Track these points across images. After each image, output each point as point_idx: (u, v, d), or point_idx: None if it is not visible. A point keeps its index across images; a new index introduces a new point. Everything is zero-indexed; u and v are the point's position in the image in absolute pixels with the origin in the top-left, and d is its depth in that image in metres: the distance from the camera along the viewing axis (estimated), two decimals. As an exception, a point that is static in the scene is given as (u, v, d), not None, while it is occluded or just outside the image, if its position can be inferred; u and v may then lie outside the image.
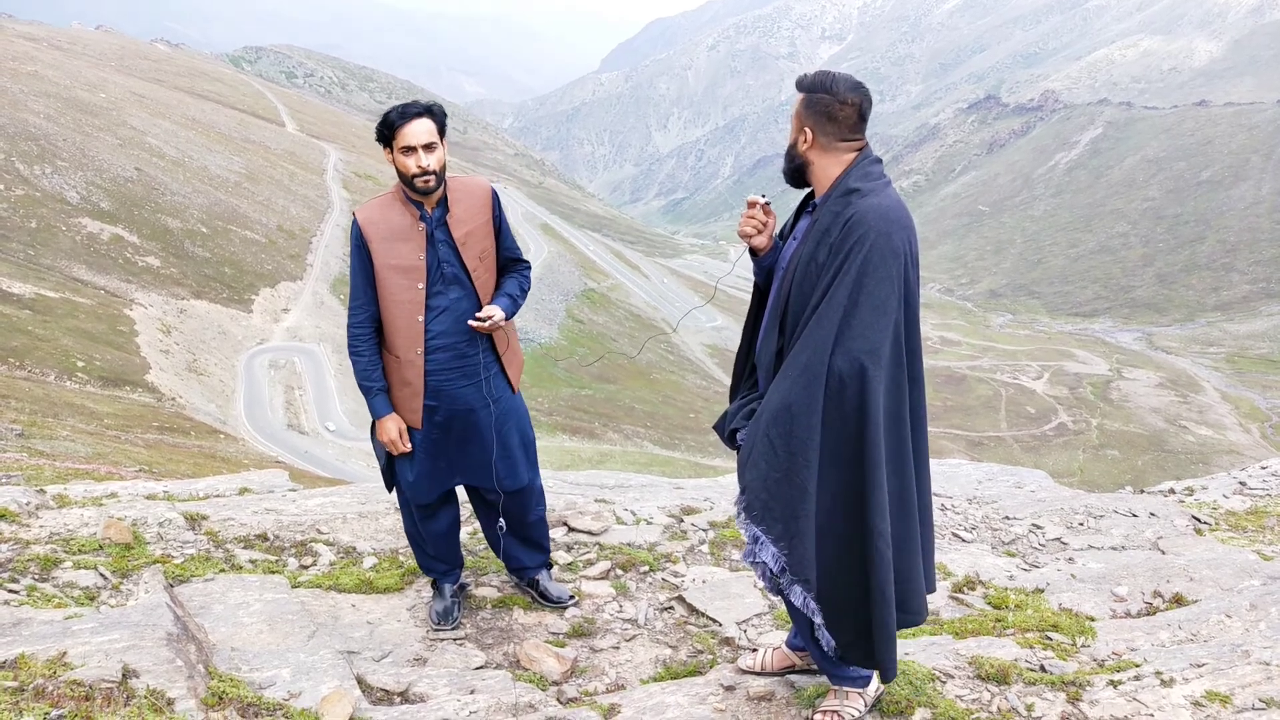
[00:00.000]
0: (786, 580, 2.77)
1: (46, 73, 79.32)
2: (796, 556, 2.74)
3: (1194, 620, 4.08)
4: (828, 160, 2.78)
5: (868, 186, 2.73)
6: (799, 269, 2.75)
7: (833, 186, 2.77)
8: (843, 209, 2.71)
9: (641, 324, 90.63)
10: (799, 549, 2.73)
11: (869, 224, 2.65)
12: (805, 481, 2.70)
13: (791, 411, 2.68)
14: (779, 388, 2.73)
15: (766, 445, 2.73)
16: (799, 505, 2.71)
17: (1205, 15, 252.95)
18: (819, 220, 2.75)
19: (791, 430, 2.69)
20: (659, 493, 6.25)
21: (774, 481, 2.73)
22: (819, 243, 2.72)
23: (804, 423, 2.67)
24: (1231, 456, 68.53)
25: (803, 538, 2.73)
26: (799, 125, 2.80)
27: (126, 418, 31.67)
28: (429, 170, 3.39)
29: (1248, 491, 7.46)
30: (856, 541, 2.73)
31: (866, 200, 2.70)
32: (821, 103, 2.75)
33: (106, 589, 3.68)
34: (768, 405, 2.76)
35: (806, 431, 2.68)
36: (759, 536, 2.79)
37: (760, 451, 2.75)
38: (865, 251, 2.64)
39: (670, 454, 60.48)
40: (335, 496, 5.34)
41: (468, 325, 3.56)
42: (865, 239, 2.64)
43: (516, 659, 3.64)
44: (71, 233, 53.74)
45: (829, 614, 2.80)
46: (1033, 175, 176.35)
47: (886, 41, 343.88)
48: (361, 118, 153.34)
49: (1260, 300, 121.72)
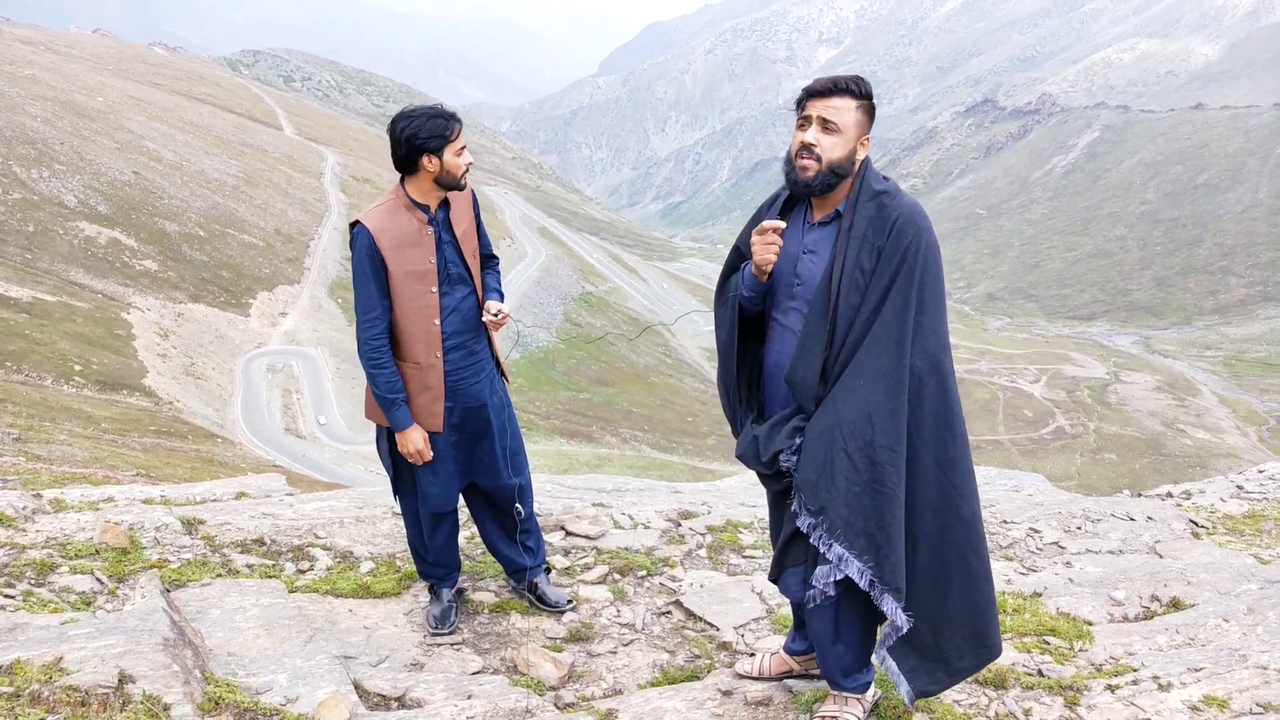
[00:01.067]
0: (878, 591, 2.69)
1: (44, 76, 79.30)
2: (888, 565, 2.66)
3: (1191, 624, 4.08)
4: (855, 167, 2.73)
5: (891, 187, 2.71)
6: (844, 280, 2.66)
7: (855, 192, 2.71)
8: (878, 212, 2.66)
9: (639, 327, 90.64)
10: (890, 557, 2.66)
11: (916, 224, 2.65)
12: (895, 488, 2.64)
13: (872, 421, 2.62)
14: (852, 399, 2.65)
15: (845, 460, 2.65)
16: (887, 514, 2.65)
17: (1202, 18, 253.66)
18: (853, 227, 2.68)
19: (873, 439, 2.62)
20: (656, 497, 6.24)
21: (854, 495, 2.65)
22: (860, 250, 2.65)
23: (888, 429, 2.62)
24: (1229, 460, 68.59)
25: (893, 546, 2.66)
26: (859, 134, 2.69)
27: (123, 422, 31.63)
28: (471, 164, 3.51)
29: (1245, 495, 7.47)
30: (956, 534, 2.74)
31: (901, 200, 2.68)
32: (873, 110, 2.72)
33: (103, 594, 3.67)
34: (841, 419, 2.66)
35: (892, 438, 2.62)
36: (843, 555, 2.69)
37: (839, 468, 2.66)
38: (922, 250, 2.64)
39: (668, 458, 60.47)
40: (333, 501, 5.33)
41: (476, 322, 3.63)
42: (919, 238, 2.64)
43: (514, 664, 3.64)
44: (69, 236, 53.69)
45: (920, 622, 2.78)
46: (1030, 179, 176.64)
47: (884, 45, 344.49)
48: (359, 121, 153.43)
49: (1257, 303, 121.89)
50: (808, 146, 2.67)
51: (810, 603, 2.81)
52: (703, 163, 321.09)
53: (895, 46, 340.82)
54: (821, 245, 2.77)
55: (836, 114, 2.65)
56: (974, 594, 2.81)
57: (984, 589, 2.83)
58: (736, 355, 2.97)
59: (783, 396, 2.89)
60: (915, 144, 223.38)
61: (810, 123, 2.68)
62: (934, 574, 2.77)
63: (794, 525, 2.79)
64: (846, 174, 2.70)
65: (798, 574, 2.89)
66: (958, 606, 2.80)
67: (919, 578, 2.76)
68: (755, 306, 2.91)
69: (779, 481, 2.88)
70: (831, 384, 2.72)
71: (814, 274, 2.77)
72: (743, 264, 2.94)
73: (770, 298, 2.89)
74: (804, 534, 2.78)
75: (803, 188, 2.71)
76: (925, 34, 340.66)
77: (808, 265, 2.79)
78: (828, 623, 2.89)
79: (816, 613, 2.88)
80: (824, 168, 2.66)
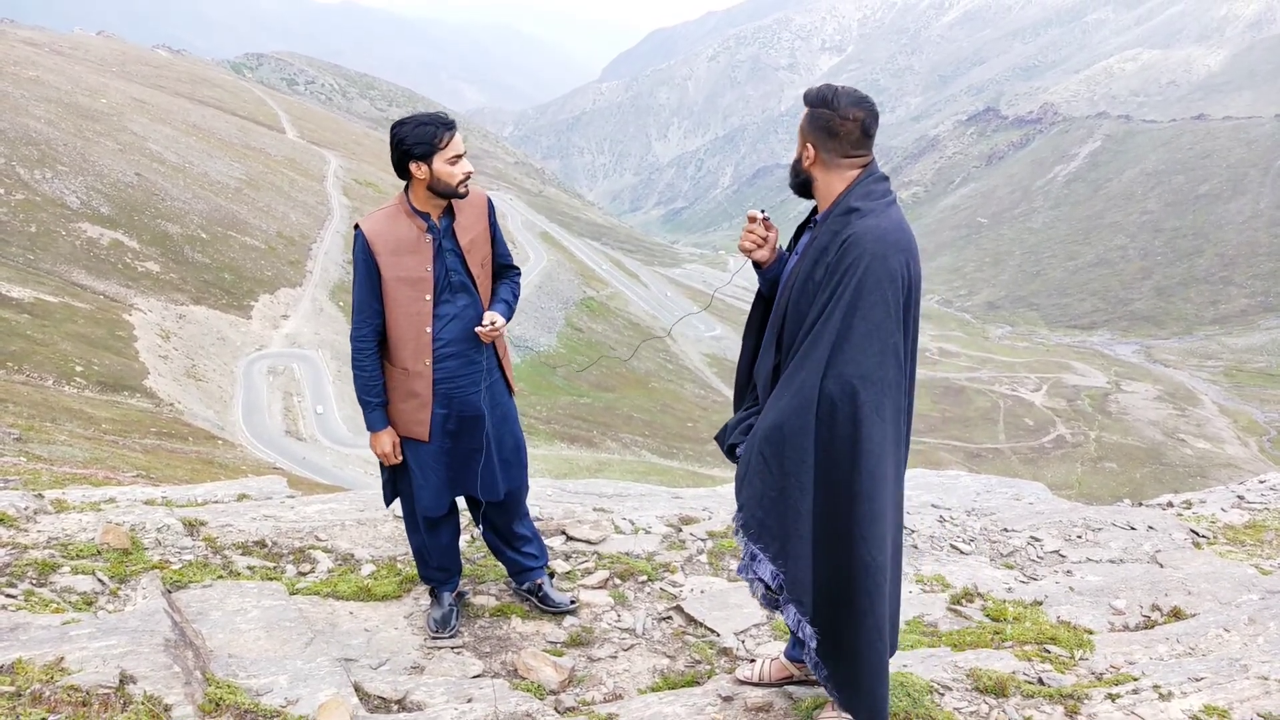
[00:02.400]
0: (784, 599, 2.75)
1: (48, 78, 79.44)
2: (792, 576, 2.71)
3: (1192, 634, 4.08)
4: (831, 176, 2.73)
5: (868, 206, 2.67)
6: (796, 286, 2.72)
7: (834, 204, 2.72)
8: (841, 228, 2.66)
9: (640, 333, 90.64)
10: (794, 569, 2.70)
11: (864, 246, 2.59)
12: (799, 503, 2.66)
13: (783, 432, 2.65)
14: (774, 406, 2.71)
15: (761, 463, 2.70)
16: (793, 526, 2.67)
17: (1204, 29, 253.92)
18: (818, 238, 2.71)
19: (784, 451, 2.65)
20: (657, 502, 6.24)
21: (769, 500, 2.70)
22: (816, 261, 2.68)
23: (795, 444, 2.63)
24: (1229, 470, 68.53)
25: (798, 559, 2.69)
26: (803, 140, 2.76)
27: (124, 423, 31.62)
28: (470, 174, 3.48)
29: (1246, 505, 7.46)
30: (848, 572, 2.65)
31: (865, 221, 2.64)
32: (822, 118, 2.70)
33: (104, 594, 3.67)
34: (762, 423, 2.73)
35: (799, 454, 2.63)
36: (756, 554, 2.78)
37: (755, 469, 2.72)
38: (860, 274, 2.57)
39: (668, 463, 60.43)
40: (334, 503, 5.33)
41: (475, 331, 3.61)
42: (860, 261, 2.58)
43: (514, 668, 3.64)
44: (71, 237, 53.74)
45: (824, 641, 2.73)
46: (1031, 187, 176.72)
47: (886, 53, 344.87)
48: (362, 125, 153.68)
49: (1258, 314, 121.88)
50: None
51: (752, 595, 2.90)
52: (705, 169, 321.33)
53: (897, 55, 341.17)
54: (802, 250, 2.84)
55: (800, 121, 2.80)
56: (866, 650, 2.70)
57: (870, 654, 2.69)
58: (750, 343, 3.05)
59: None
60: (917, 152, 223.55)
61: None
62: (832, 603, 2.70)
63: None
64: (801, 178, 2.80)
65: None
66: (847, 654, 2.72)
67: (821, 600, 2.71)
68: (771, 295, 3.01)
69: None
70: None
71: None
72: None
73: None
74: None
75: (791, 189, 2.89)
76: (927, 43, 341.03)
77: (789, 266, 2.89)
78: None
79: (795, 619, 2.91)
80: (792, 170, 2.83)
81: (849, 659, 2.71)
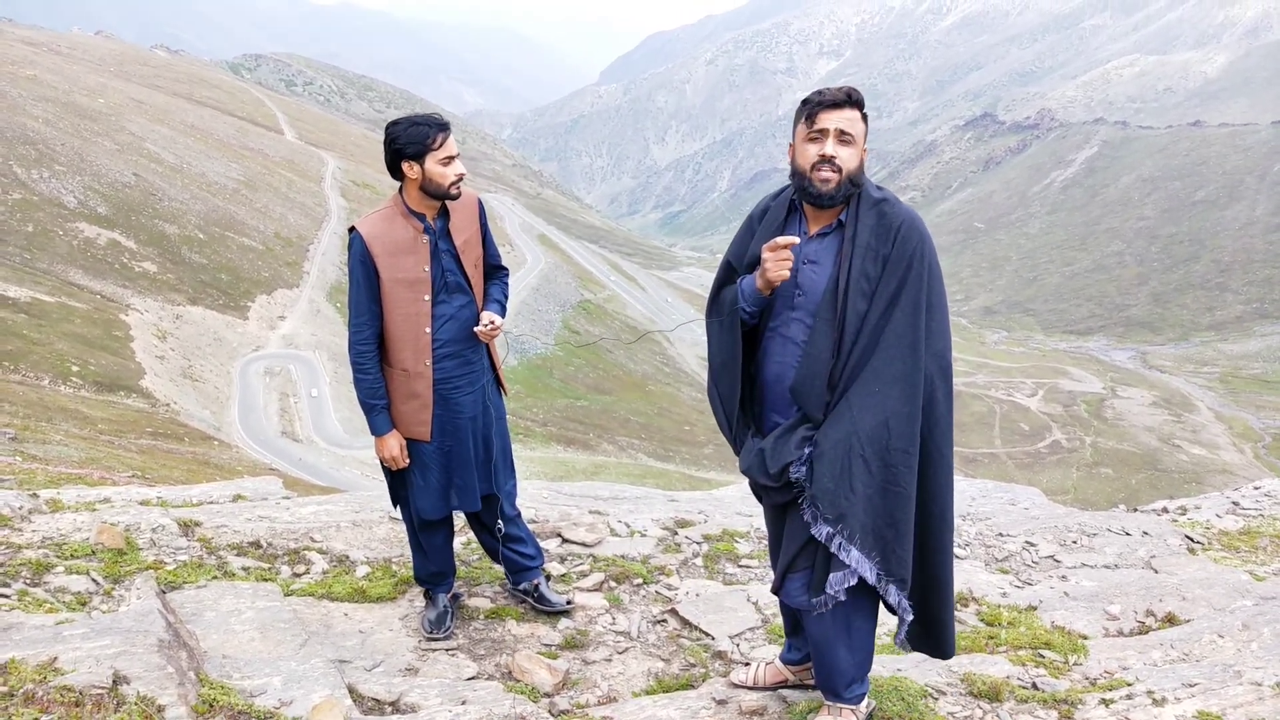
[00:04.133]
0: (884, 584, 2.74)
1: (45, 77, 79.36)
2: (895, 559, 2.72)
3: (1186, 640, 4.08)
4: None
5: (889, 195, 2.76)
6: (849, 288, 2.69)
7: (856, 201, 2.75)
8: (880, 220, 2.71)
9: (637, 335, 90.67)
10: (898, 551, 2.72)
11: (919, 231, 2.71)
12: (907, 486, 2.70)
13: (889, 425, 2.66)
14: (869, 404, 2.67)
15: (862, 466, 2.67)
16: (898, 511, 2.70)
17: (1201, 35, 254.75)
18: (857, 236, 2.71)
19: (889, 443, 2.66)
20: (653, 505, 6.24)
21: (869, 499, 2.68)
22: (864, 258, 2.69)
23: (904, 432, 2.67)
24: (1225, 476, 68.60)
25: (901, 540, 2.72)
26: (863, 145, 2.74)
27: (120, 423, 31.57)
28: (463, 176, 3.50)
29: (1241, 511, 7.47)
30: (938, 531, 2.82)
31: (900, 209, 2.73)
32: (867, 120, 2.80)
33: (98, 594, 3.67)
34: (860, 426, 2.67)
35: (907, 440, 2.67)
36: (860, 559, 2.70)
37: (857, 474, 2.67)
38: (926, 256, 2.70)
39: (665, 466, 60.40)
40: (329, 505, 5.33)
41: (472, 331, 3.63)
42: (923, 244, 2.71)
43: (509, 670, 3.63)
44: (68, 237, 53.67)
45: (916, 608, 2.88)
46: (1028, 193, 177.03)
47: (884, 58, 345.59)
48: (360, 126, 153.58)
49: (1254, 320, 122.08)
50: (828, 159, 2.68)
51: (818, 609, 2.82)
52: (702, 172, 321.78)
53: (895, 60, 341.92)
54: (823, 255, 2.79)
55: (851, 125, 2.69)
56: (947, 594, 2.90)
57: (950, 592, 2.93)
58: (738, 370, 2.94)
59: (783, 407, 2.88)
60: (914, 157, 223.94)
61: (827, 135, 2.69)
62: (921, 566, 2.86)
63: (804, 535, 2.79)
64: (860, 184, 2.74)
65: (799, 580, 2.88)
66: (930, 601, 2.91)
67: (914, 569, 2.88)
68: (754, 320, 2.90)
69: (785, 494, 2.85)
70: (840, 391, 2.72)
71: (816, 284, 2.78)
72: (739, 278, 2.92)
73: (767, 310, 2.88)
74: (810, 542, 2.79)
75: (826, 200, 2.72)
76: (925, 48, 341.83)
77: (809, 275, 2.80)
78: (828, 630, 2.89)
79: (819, 620, 2.87)
80: (844, 178, 2.70)
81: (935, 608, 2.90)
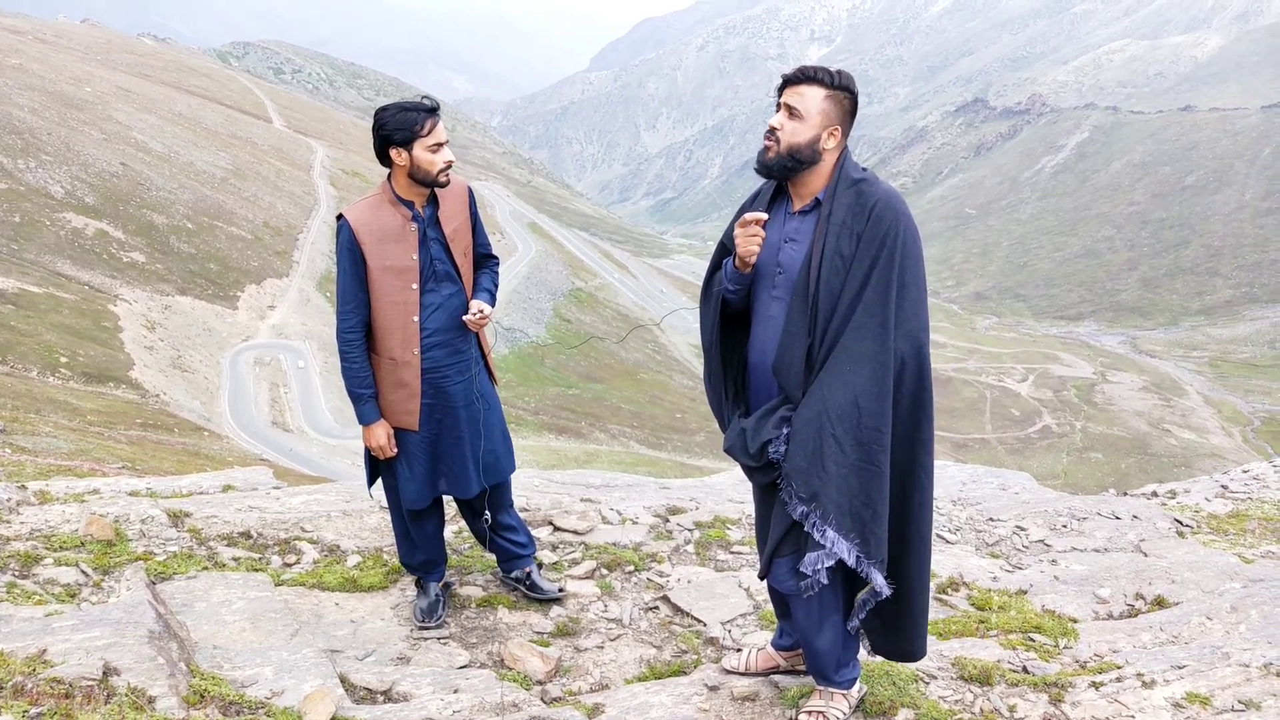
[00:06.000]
0: (864, 566, 2.72)
1: (31, 66, 78.65)
2: (874, 540, 2.70)
3: (1175, 622, 4.10)
4: (832, 157, 2.77)
5: (869, 175, 2.75)
6: (824, 266, 2.70)
7: (834, 180, 2.75)
8: (856, 199, 2.71)
9: (629, 323, 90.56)
10: (876, 532, 2.70)
11: (894, 208, 2.69)
12: (880, 465, 2.69)
13: (859, 404, 2.65)
14: (838, 383, 2.67)
15: (834, 445, 2.67)
16: (874, 490, 2.69)
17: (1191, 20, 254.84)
18: (832, 214, 2.72)
19: (860, 421, 2.66)
20: (645, 493, 6.25)
21: (842, 478, 2.67)
22: (839, 236, 2.70)
23: (874, 410, 2.65)
24: (1214, 460, 69.00)
25: (879, 521, 2.71)
26: (824, 123, 2.71)
27: (109, 414, 31.46)
28: (452, 163, 3.46)
29: (1229, 495, 7.52)
30: (916, 513, 2.81)
31: (878, 188, 2.72)
32: (851, 103, 2.75)
33: (88, 586, 3.65)
34: (829, 404, 2.67)
35: (878, 419, 2.66)
36: (835, 538, 2.70)
37: (829, 453, 2.67)
38: (900, 235, 2.68)
39: (656, 454, 60.46)
40: (320, 495, 5.32)
41: (461, 320, 3.60)
42: (897, 223, 2.68)
43: (501, 658, 3.63)
44: (56, 227, 53.31)
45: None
46: (1019, 178, 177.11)
47: (875, 44, 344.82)
48: (349, 115, 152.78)
49: (1243, 305, 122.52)
50: (771, 130, 2.75)
51: (805, 592, 2.81)
52: (694, 159, 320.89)
53: (886, 45, 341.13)
54: (802, 233, 2.81)
55: (800, 100, 2.71)
56: (924, 586, 2.90)
57: (927, 585, 2.92)
58: (722, 352, 3.00)
59: (768, 388, 2.89)
60: (905, 143, 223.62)
61: (779, 108, 2.76)
62: (898, 545, 2.84)
63: (789, 519, 2.79)
64: (806, 160, 2.73)
65: (786, 564, 2.87)
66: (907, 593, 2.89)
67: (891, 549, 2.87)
68: (739, 300, 2.94)
69: (768, 474, 2.86)
70: (817, 370, 2.73)
71: (795, 261, 2.80)
72: (725, 259, 2.96)
73: (754, 290, 2.91)
74: (796, 526, 2.78)
75: (762, 169, 2.80)
76: (916, 33, 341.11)
77: (789, 253, 2.82)
78: (815, 615, 2.89)
79: (806, 604, 2.88)
80: (782, 149, 2.73)
81: (906, 601, 2.88)
